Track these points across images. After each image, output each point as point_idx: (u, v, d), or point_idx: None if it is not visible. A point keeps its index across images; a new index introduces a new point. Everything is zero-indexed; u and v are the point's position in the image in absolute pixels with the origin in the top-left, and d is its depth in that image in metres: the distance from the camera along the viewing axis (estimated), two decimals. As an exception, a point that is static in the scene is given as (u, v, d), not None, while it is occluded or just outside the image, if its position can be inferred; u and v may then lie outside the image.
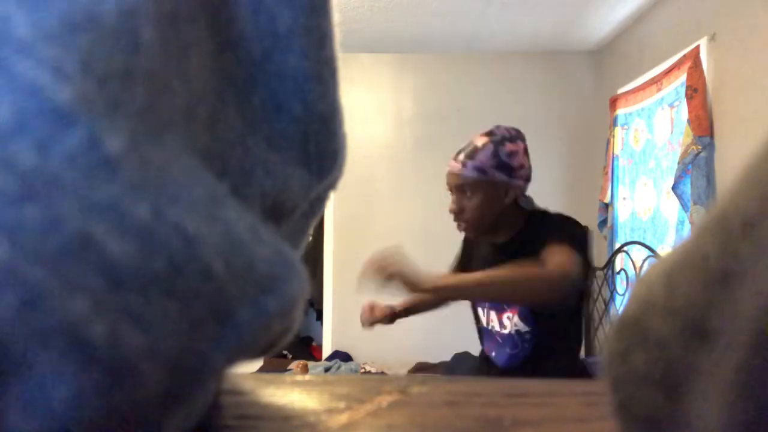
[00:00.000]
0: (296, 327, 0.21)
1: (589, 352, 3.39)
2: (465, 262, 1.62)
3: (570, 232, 1.34)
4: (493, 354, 1.54)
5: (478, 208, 1.40)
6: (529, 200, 1.48)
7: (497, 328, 1.50)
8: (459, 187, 1.42)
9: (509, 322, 1.45)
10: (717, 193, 2.26)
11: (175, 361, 0.15)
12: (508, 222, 1.44)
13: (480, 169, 1.37)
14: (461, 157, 1.41)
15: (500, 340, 1.50)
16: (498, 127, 1.46)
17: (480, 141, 1.41)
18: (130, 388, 0.14)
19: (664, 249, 2.72)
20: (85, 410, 0.13)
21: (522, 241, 1.40)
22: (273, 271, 0.18)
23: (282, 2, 0.23)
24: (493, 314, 1.51)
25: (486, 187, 1.39)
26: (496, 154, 1.38)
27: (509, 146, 1.40)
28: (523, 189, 1.44)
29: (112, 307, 0.14)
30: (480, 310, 1.57)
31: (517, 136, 1.44)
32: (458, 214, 1.44)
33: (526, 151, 1.44)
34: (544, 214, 1.46)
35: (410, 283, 1.25)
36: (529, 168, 1.45)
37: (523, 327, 1.42)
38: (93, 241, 0.14)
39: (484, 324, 1.56)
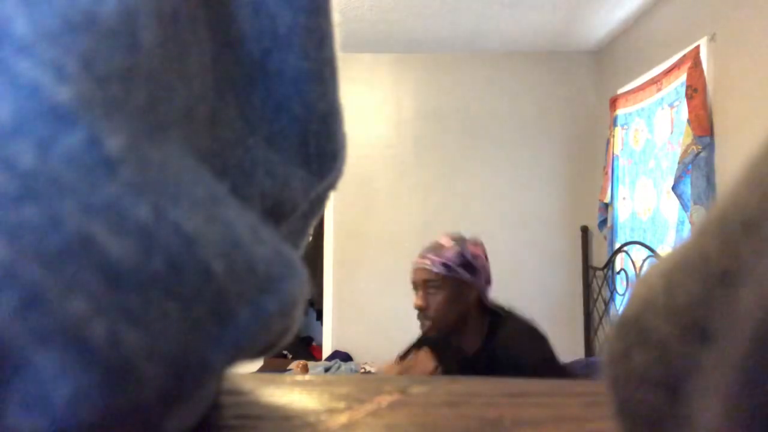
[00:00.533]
0: (296, 327, 0.21)
1: (589, 352, 3.39)
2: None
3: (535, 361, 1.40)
4: None
5: (442, 304, 1.46)
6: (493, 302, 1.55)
7: None
8: (425, 282, 1.49)
9: None
10: (717, 193, 2.26)
11: (175, 361, 0.15)
12: (474, 326, 1.50)
13: (446, 266, 1.46)
14: (429, 254, 1.50)
15: None
16: (459, 233, 1.57)
17: (445, 241, 1.52)
18: (129, 388, 0.14)
19: (664, 249, 2.72)
20: (85, 410, 0.13)
21: (489, 355, 1.46)
22: (273, 271, 0.18)
23: (282, 2, 0.23)
24: None
25: (451, 284, 1.47)
26: (460, 254, 1.48)
27: (472, 248, 1.50)
28: (485, 291, 1.51)
29: (112, 307, 0.14)
30: None
31: (478, 242, 1.55)
32: (424, 310, 1.50)
33: (486, 258, 1.53)
34: (506, 319, 1.51)
35: None
36: (489, 273, 1.53)
37: None
38: (93, 241, 0.14)
39: None
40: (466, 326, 1.49)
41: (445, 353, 1.54)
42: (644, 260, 2.83)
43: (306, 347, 4.05)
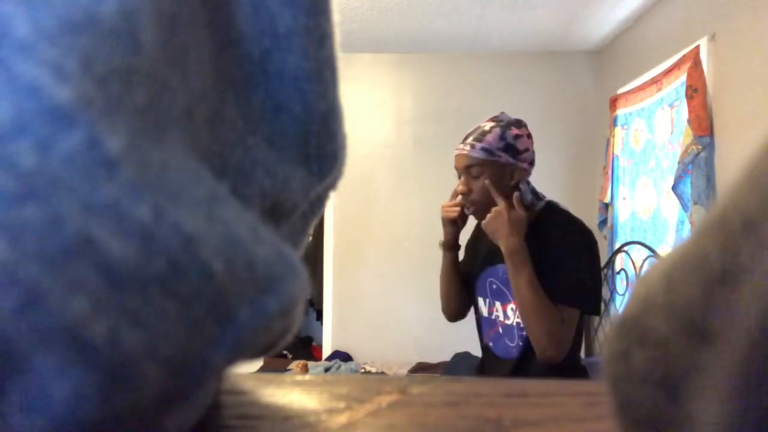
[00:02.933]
0: (296, 327, 0.21)
1: (589, 352, 3.39)
2: (472, 252, 1.66)
3: (579, 254, 1.39)
4: (491, 344, 1.57)
5: (484, 188, 1.45)
6: (532, 188, 1.52)
7: (501, 318, 1.53)
8: (467, 168, 1.47)
9: (512, 313, 1.49)
10: (717, 193, 2.26)
11: (175, 361, 0.15)
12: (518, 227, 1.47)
13: (487, 150, 1.44)
14: (469, 139, 1.48)
15: (501, 331, 1.53)
16: (503, 113, 1.53)
17: (487, 125, 1.48)
18: (130, 388, 0.14)
19: (664, 249, 2.72)
20: (85, 410, 0.13)
21: (530, 237, 1.43)
22: (273, 271, 0.18)
23: (282, 2, 0.23)
24: (498, 304, 1.54)
25: (493, 168, 1.45)
26: (503, 136, 1.45)
27: (515, 130, 1.47)
28: (528, 172, 1.49)
29: (112, 307, 0.14)
30: (481, 300, 1.60)
31: (521, 122, 1.52)
32: (466, 195, 1.49)
33: (530, 137, 1.50)
34: (553, 212, 1.49)
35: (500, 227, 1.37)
36: (533, 153, 1.50)
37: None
38: (93, 241, 0.14)
39: (485, 314, 1.59)
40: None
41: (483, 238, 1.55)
42: (644, 260, 2.83)
43: (306, 347, 4.05)
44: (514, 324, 1.48)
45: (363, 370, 3.35)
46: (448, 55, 3.72)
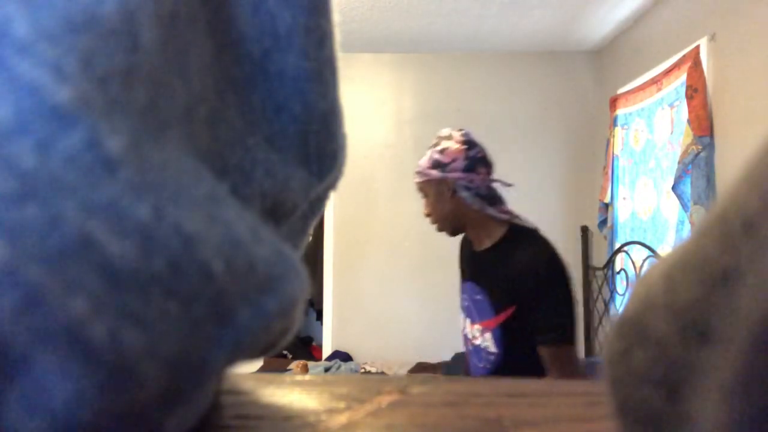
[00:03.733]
0: (296, 327, 0.21)
1: (589, 352, 3.39)
2: (461, 261, 1.69)
3: (557, 293, 1.39)
4: (468, 356, 1.59)
5: (432, 206, 1.57)
6: (486, 194, 1.52)
7: (470, 335, 1.55)
8: (420, 192, 1.61)
9: (479, 335, 1.51)
10: (717, 193, 2.26)
11: (175, 361, 0.15)
12: (485, 231, 1.52)
13: (420, 173, 1.56)
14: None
15: (472, 348, 1.55)
16: (447, 129, 1.61)
17: (427, 152, 1.59)
18: (130, 388, 0.14)
19: (664, 249, 2.72)
20: (85, 410, 0.13)
21: (497, 255, 1.47)
22: (273, 271, 0.18)
23: (282, 2, 0.23)
24: (468, 321, 1.56)
25: (430, 186, 1.55)
26: (430, 156, 1.55)
27: (443, 144, 1.54)
28: (466, 178, 1.51)
29: (112, 308, 0.14)
30: (461, 314, 1.62)
31: (454, 133, 1.57)
32: (427, 215, 1.62)
33: (464, 143, 1.53)
34: (522, 232, 1.50)
35: None
36: (469, 159, 1.52)
37: (491, 347, 1.47)
38: (93, 241, 0.14)
39: (462, 327, 1.61)
40: (480, 231, 1.52)
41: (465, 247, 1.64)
42: (644, 260, 2.83)
43: (306, 347, 4.05)
44: (482, 347, 1.49)
45: (363, 370, 3.35)
46: (448, 55, 3.72)
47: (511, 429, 0.23)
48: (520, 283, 1.38)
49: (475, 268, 1.53)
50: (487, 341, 1.46)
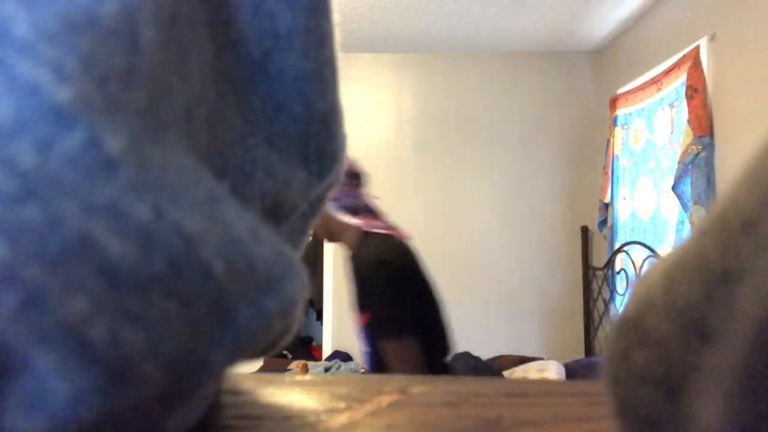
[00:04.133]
0: (296, 327, 0.21)
1: (589, 352, 3.39)
2: None
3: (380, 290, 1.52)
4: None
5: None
6: (348, 204, 1.64)
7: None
8: None
9: (356, 329, 1.63)
10: (717, 193, 2.26)
11: (175, 361, 0.15)
12: (344, 238, 1.66)
13: None
14: None
15: (361, 346, 1.67)
16: None
17: None
18: (130, 389, 0.14)
19: (664, 249, 2.72)
20: (85, 410, 0.13)
21: (355, 262, 1.63)
22: (273, 271, 0.18)
23: (282, 2, 0.23)
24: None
25: None
26: None
27: None
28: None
29: (112, 308, 0.14)
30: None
31: None
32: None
33: None
34: (368, 240, 1.63)
35: None
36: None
37: (363, 345, 1.59)
38: (93, 241, 0.14)
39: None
40: (342, 238, 1.67)
41: None
42: (644, 260, 2.83)
43: (306, 347, 4.04)
44: (362, 345, 1.61)
45: (363, 370, 3.35)
46: (448, 55, 3.72)
47: (511, 429, 0.23)
48: (361, 288, 1.55)
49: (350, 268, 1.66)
50: (360, 337, 1.59)
